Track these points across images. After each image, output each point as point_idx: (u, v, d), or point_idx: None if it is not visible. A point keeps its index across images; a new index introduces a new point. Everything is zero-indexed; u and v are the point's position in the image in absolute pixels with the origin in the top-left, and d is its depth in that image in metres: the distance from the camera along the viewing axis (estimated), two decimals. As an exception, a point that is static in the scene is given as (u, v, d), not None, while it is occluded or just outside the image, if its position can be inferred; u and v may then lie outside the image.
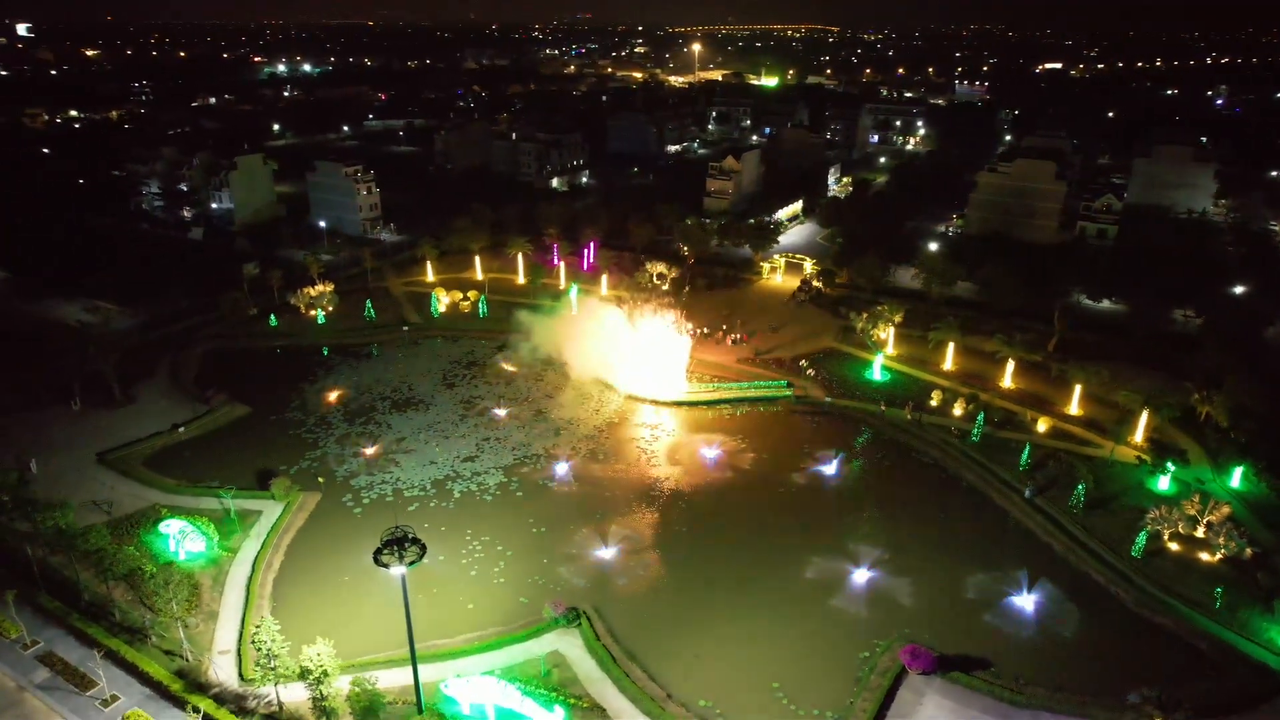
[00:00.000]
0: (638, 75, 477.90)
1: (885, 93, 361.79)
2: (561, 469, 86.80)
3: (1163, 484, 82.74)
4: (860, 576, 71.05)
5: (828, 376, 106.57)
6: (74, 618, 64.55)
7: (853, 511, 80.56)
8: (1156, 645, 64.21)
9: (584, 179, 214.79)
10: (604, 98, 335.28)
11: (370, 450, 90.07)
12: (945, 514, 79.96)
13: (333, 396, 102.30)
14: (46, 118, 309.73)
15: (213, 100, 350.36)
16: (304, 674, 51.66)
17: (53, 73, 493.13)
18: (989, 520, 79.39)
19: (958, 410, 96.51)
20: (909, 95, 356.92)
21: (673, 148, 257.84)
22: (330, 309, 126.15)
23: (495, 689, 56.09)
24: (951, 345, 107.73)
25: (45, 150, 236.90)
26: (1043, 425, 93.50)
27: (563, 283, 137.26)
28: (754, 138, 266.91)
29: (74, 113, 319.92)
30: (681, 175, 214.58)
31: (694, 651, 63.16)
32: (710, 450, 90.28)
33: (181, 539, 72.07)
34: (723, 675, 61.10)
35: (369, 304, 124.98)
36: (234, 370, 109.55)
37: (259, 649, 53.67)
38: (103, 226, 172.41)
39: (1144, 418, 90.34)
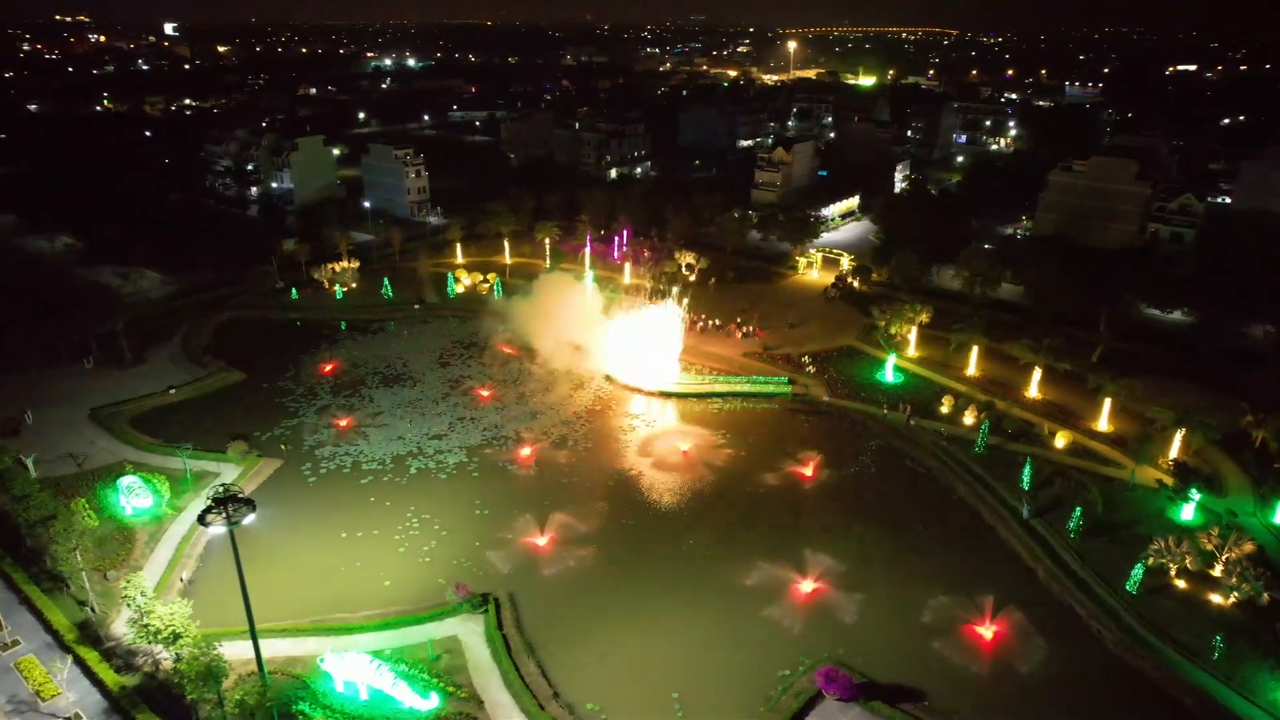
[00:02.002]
0: (731, 73, 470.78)
1: (989, 93, 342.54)
2: (525, 453, 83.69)
3: (1186, 513, 72.37)
4: (805, 587, 64.74)
5: (837, 376, 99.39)
6: (5, 562, 65.83)
7: (820, 518, 74.04)
8: (1130, 693, 55.46)
9: (639, 170, 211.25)
10: (684, 92, 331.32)
11: (343, 422, 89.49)
12: (922, 528, 72.33)
13: (328, 368, 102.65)
14: (163, 105, 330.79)
15: (313, 90, 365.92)
16: (154, 634, 50.23)
17: (185, 66, 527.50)
18: (971, 539, 71.29)
19: (969, 419, 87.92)
20: (1012, 96, 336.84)
21: (745, 142, 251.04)
22: (353, 285, 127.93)
23: (368, 668, 53.43)
24: (976, 349, 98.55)
25: (148, 133, 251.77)
26: (1061, 440, 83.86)
27: (587, 269, 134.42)
28: (833, 134, 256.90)
29: (188, 101, 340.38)
30: (747, 169, 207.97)
31: (600, 651, 58.76)
32: (685, 444, 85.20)
33: (129, 494, 72.73)
34: (624, 679, 56.45)
35: (386, 281, 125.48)
36: (245, 339, 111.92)
37: (129, 605, 52.76)
38: (174, 203, 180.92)
39: (1178, 438, 79.64)
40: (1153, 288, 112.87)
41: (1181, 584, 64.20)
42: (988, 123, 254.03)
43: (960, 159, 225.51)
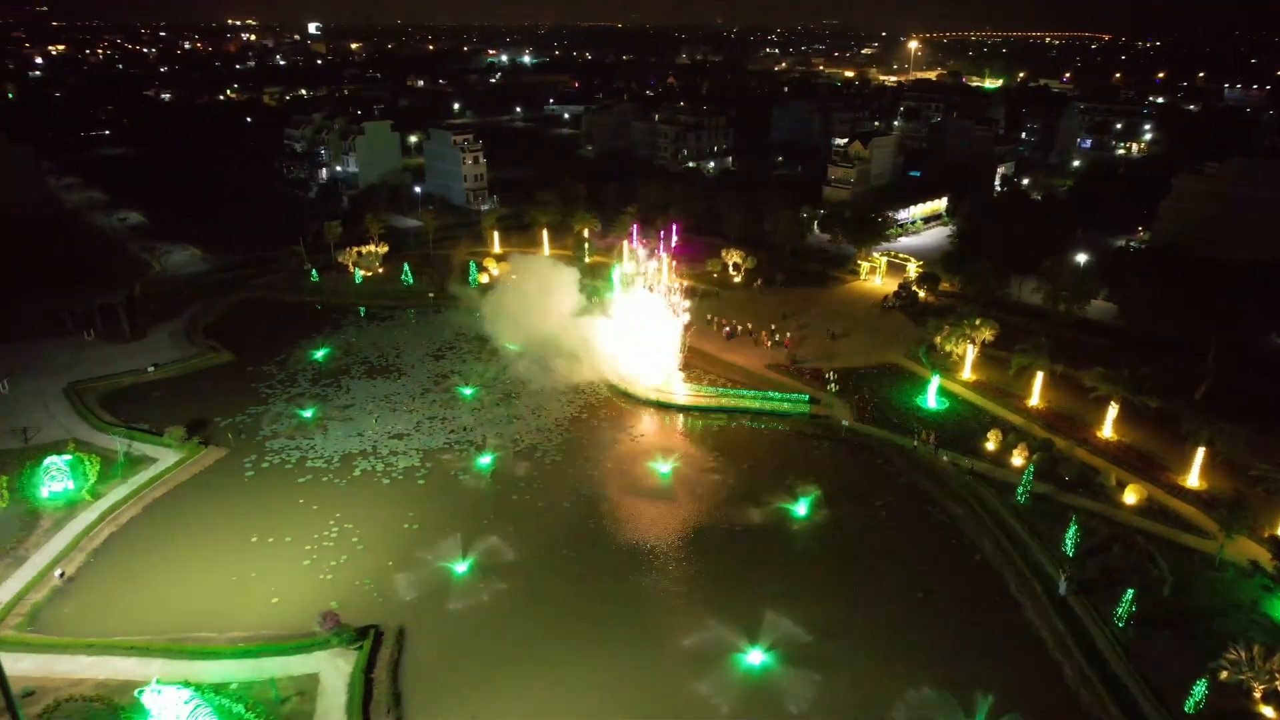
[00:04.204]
0: (848, 73, 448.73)
1: (1130, 95, 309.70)
2: (484, 461, 74.10)
3: (1288, 609, 54.92)
4: (753, 658, 51.94)
5: (869, 397, 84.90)
6: (-102, 539, 61.75)
7: (799, 571, 60.74)
8: None
9: (712, 165, 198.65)
10: (785, 89, 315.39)
11: (308, 413, 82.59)
12: (925, 595, 57.85)
13: (319, 355, 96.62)
14: (279, 95, 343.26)
15: (421, 83, 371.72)
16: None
17: (318, 62, 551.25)
18: (985, 614, 56.29)
19: (1018, 459, 72.05)
20: (1158, 100, 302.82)
21: (840, 140, 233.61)
22: (379, 270, 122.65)
23: (183, 708, 44.85)
24: (1041, 375, 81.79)
25: (249, 119, 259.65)
26: (1132, 495, 66.86)
27: (624, 262, 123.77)
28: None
29: (302, 92, 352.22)
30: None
31: (475, 711, 48.16)
32: (667, 466, 73.36)
33: (47, 475, 67.67)
34: (494, 754, 45.75)
35: (406, 268, 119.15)
36: (253, 320, 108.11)
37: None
38: (244, 183, 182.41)
39: (1290, 506, 61.57)
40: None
41: (1269, 713, 47.50)
42: (1118, 126, 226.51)
43: (1076, 163, 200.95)
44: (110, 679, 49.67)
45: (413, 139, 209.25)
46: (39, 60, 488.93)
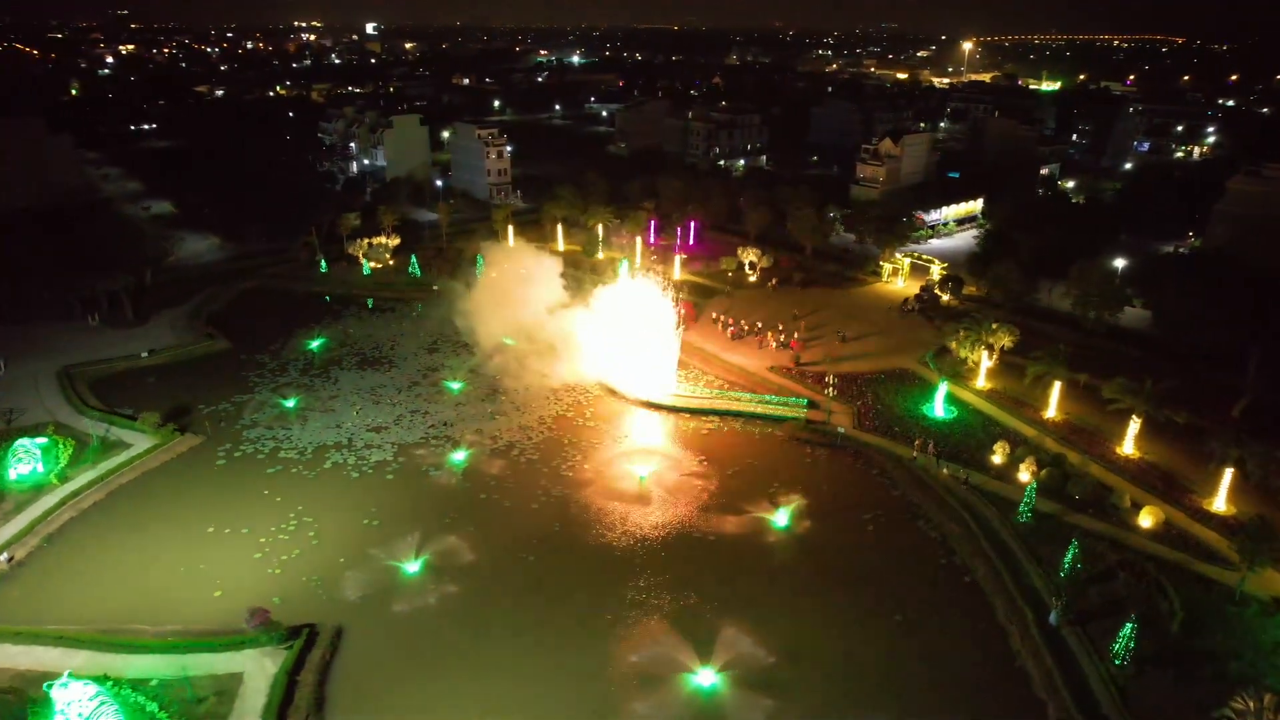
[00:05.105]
0: (900, 75, 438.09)
1: (1199, 98, 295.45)
2: (457, 458, 71.42)
3: (1314, 652, 48.81)
4: (704, 679, 47.97)
5: (873, 403, 80.00)
6: None
7: (772, 586, 56.50)
8: None
9: (741, 163, 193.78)
10: (829, 89, 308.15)
11: (290, 403, 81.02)
12: (903, 618, 53.13)
13: (314, 345, 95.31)
14: (326, 91, 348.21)
15: (466, 81, 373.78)
16: None
17: (371, 61, 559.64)
18: (968, 643, 51.36)
19: (1025, 473, 66.61)
20: (1229, 103, 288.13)
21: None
22: (391, 261, 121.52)
23: (88, 704, 42.77)
24: (1058, 385, 75.90)
25: (290, 113, 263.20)
26: (1148, 518, 61.01)
27: (637, 258, 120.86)
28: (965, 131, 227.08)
29: (350, 88, 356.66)
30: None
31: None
32: (646, 470, 69.64)
33: (14, 458, 66.89)
34: (410, 770, 42.70)
35: (414, 260, 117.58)
36: (257, 309, 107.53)
37: None
38: (276, 176, 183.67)
39: (1324, 537, 55.07)
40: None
41: (1276, 767, 41.89)
42: (1179, 128, 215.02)
43: (1128, 166, 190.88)
44: (32, 669, 48.04)
45: (445, 134, 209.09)
46: (109, 59, 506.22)
